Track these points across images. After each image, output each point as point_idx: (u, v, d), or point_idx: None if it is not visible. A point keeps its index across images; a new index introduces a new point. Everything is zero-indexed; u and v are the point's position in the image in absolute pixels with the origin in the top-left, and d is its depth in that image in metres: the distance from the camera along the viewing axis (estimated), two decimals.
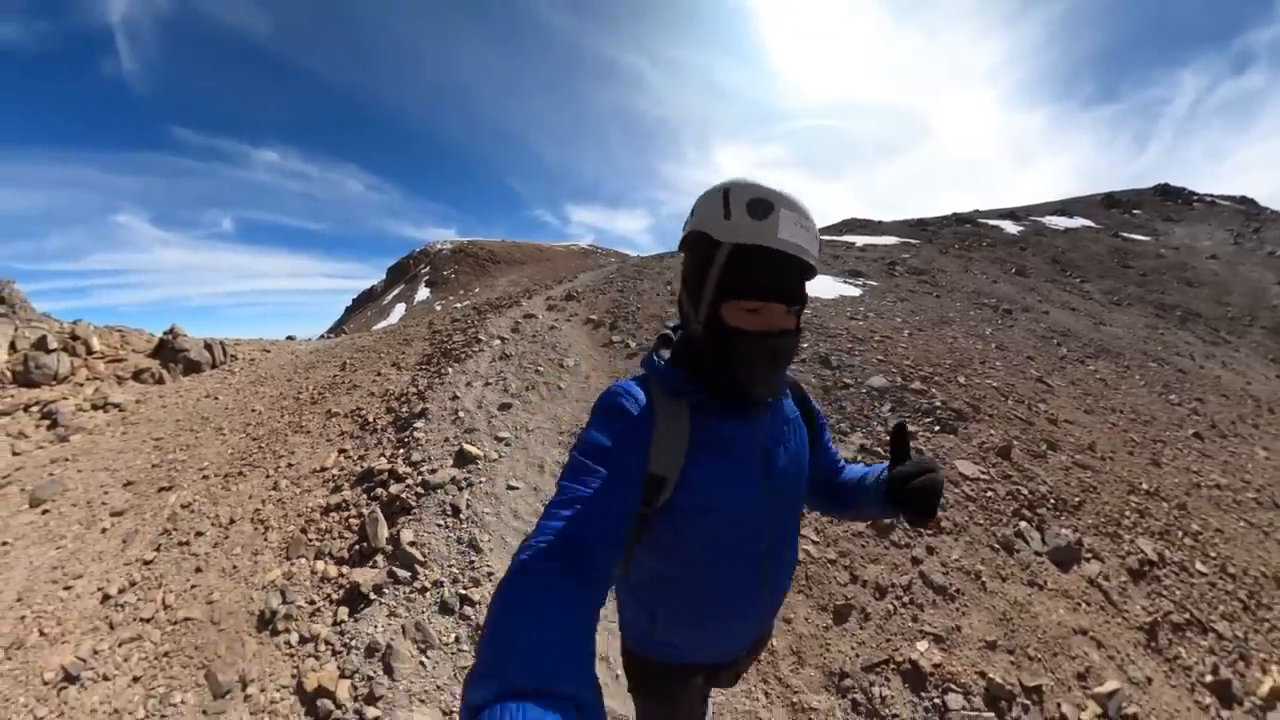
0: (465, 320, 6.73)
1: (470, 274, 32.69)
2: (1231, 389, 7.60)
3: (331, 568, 2.53)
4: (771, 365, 0.84)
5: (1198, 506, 3.65)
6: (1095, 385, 5.77)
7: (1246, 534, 3.49)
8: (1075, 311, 10.53)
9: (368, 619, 2.16)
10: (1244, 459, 4.80)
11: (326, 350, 7.57)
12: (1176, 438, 4.80)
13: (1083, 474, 3.74)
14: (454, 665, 1.95)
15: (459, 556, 2.42)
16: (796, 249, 0.79)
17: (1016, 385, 5.03)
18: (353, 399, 4.74)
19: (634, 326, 5.46)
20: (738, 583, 0.93)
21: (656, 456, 0.82)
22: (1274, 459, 5.08)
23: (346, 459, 3.60)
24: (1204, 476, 4.15)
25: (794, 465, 0.96)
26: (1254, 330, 13.08)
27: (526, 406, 3.91)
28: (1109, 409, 5.10)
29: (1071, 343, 7.69)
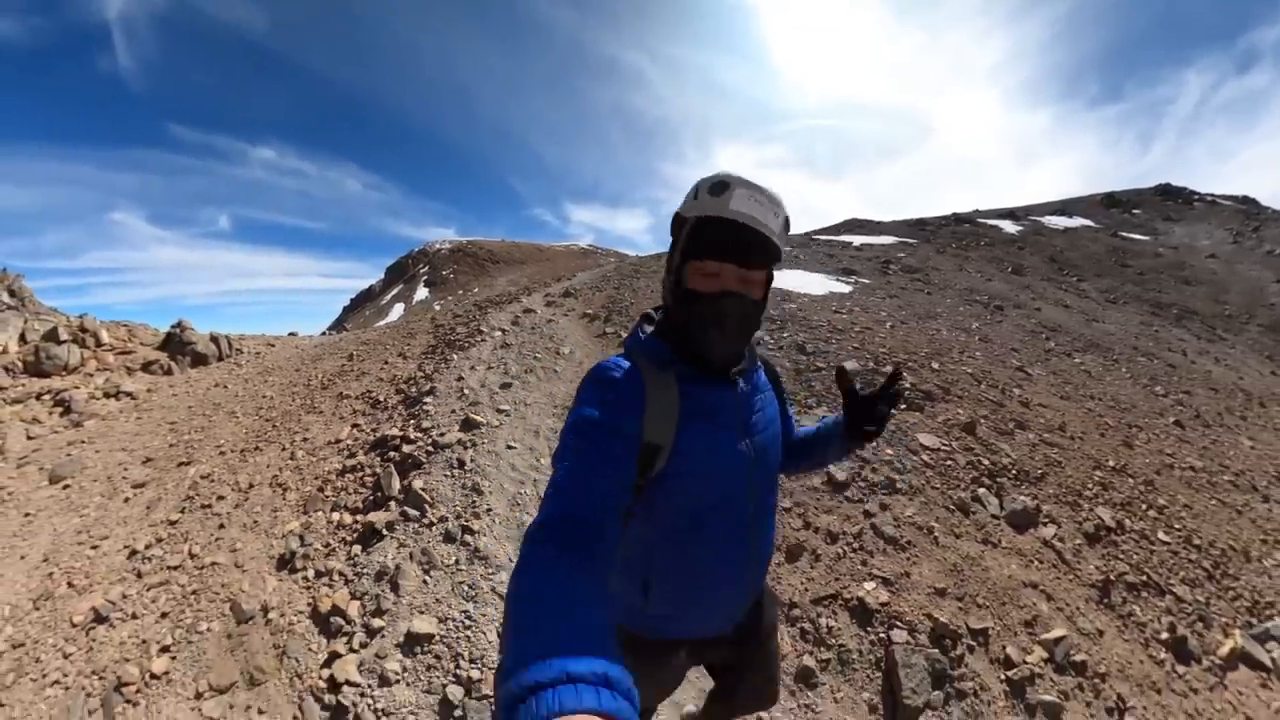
0: (467, 315, 7.08)
1: (469, 274, 33.12)
2: (1222, 383, 7.87)
3: (347, 516, 2.86)
4: (719, 326, 0.90)
5: (1167, 484, 3.88)
6: (1078, 375, 6.05)
7: (1218, 511, 3.78)
8: (1068, 309, 10.85)
9: (379, 551, 2.49)
10: (1226, 446, 5.07)
11: (331, 344, 7.93)
12: (1155, 424, 5.07)
13: (1049, 450, 3.97)
14: (452, 582, 2.28)
15: (463, 498, 2.76)
16: (748, 218, 0.87)
17: (993, 372, 5.32)
18: (362, 384, 5.08)
19: (627, 320, 5.81)
20: (726, 552, 0.97)
21: (650, 425, 0.85)
22: (1259, 448, 5.34)
23: (360, 431, 3.94)
24: (1178, 459, 4.40)
25: (770, 434, 1.03)
26: (1251, 328, 13.41)
27: (525, 386, 4.25)
28: (1087, 396, 5.37)
29: (1060, 337, 7.97)
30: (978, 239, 15.81)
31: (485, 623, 2.11)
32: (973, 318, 8.06)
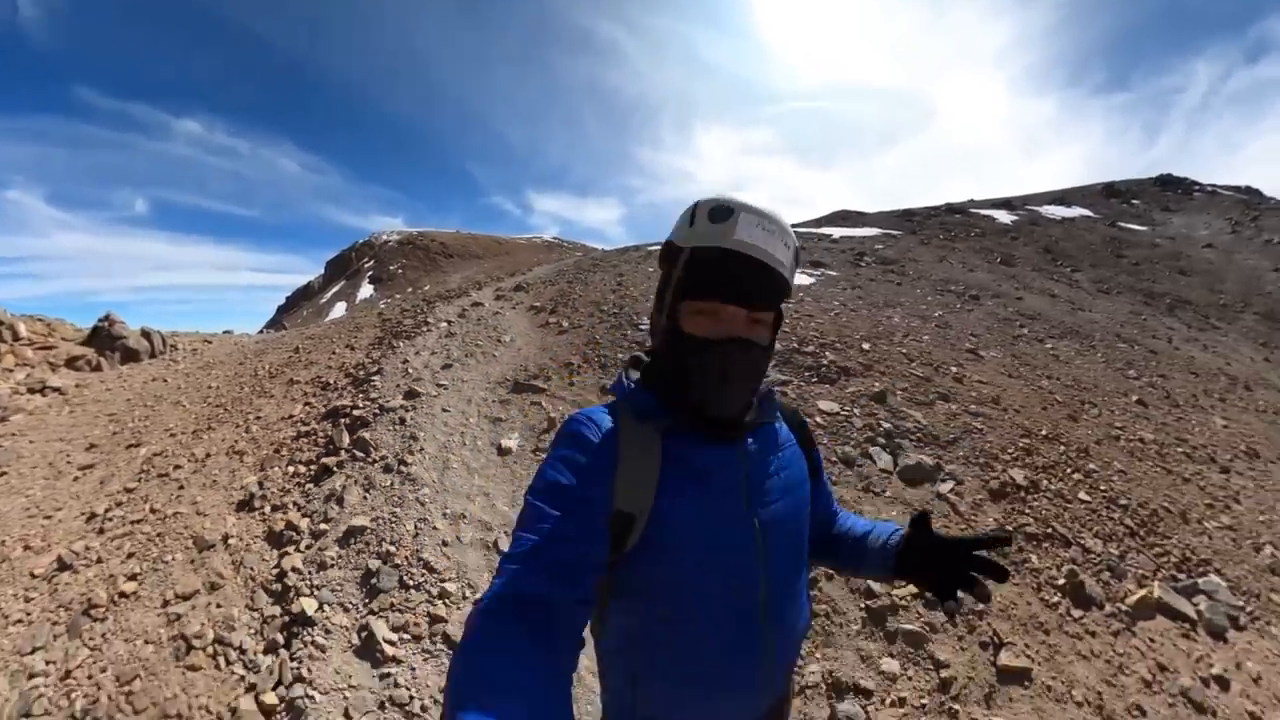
0: (415, 309, 7.96)
1: (419, 269, 33.67)
2: (1205, 368, 8.87)
3: (301, 468, 3.69)
4: (723, 378, 0.87)
5: (1105, 452, 4.56)
6: (1042, 359, 6.90)
7: (1159, 478, 4.42)
8: (1054, 298, 11.95)
9: (328, 482, 3.35)
10: (1192, 424, 5.91)
11: (274, 340, 8.73)
12: (1114, 402, 5.87)
13: (971, 420, 4.66)
14: (386, 496, 3.16)
15: (401, 444, 3.63)
16: (755, 250, 0.84)
17: (934, 353, 6.25)
18: (311, 372, 5.91)
19: (571, 310, 6.72)
20: (730, 644, 0.90)
21: (622, 490, 0.82)
22: (1232, 427, 6.20)
23: (311, 408, 4.78)
24: (1128, 432, 5.11)
25: (789, 499, 0.97)
26: (1245, 316, 14.75)
27: (464, 367, 5.13)
28: (1044, 376, 6.18)
29: (1036, 325, 8.88)
30: (968, 229, 17.08)
31: (407, 519, 3.02)
32: (939, 306, 9.06)
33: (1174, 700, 2.80)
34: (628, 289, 7.68)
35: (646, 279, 8.53)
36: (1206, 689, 2.88)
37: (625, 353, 5.07)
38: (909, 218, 17.38)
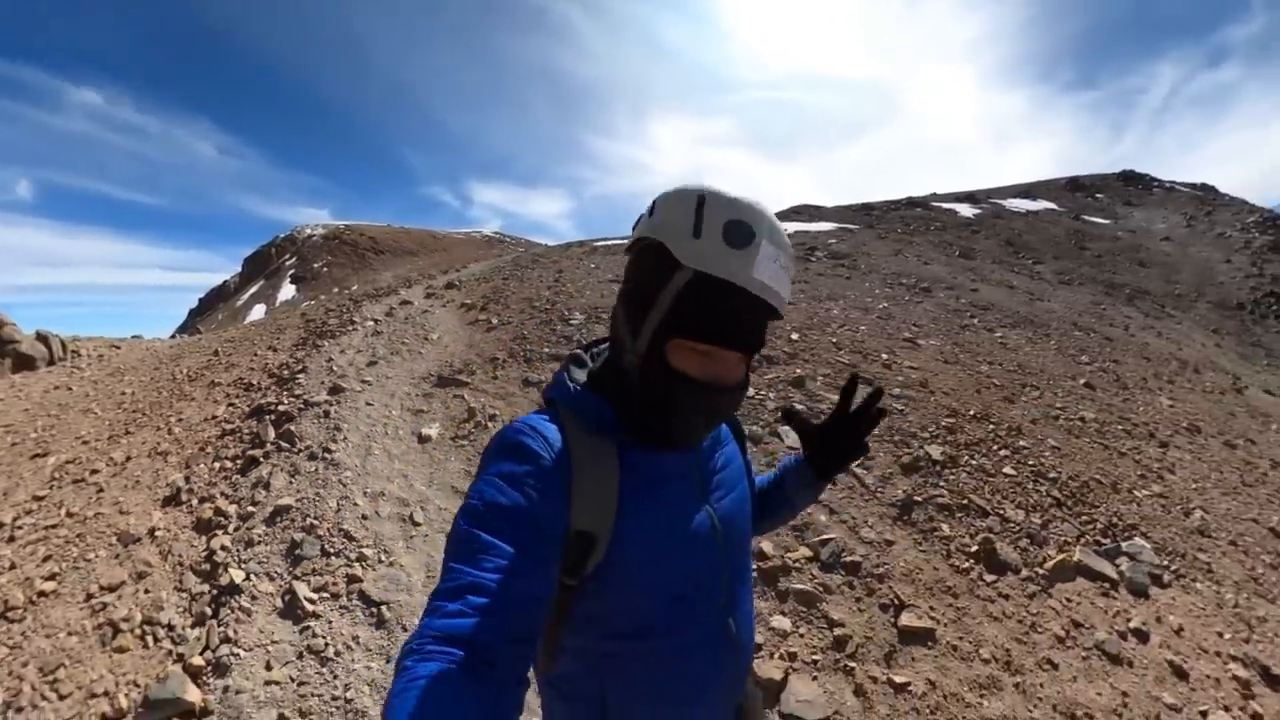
0: (340, 308, 8.36)
1: (346, 266, 33.48)
2: (1158, 353, 9.95)
3: (228, 462, 4.11)
4: (709, 422, 0.90)
5: (1038, 430, 5.13)
6: (987, 347, 7.62)
7: (1094, 453, 4.98)
8: (1012, 289, 12.96)
9: (255, 471, 3.80)
10: (1138, 404, 6.70)
11: (190, 344, 8.98)
12: (1059, 385, 6.60)
13: (893, 402, 5.27)
14: (310, 480, 3.63)
15: (326, 434, 4.10)
16: (771, 293, 0.82)
17: (868, 342, 6.96)
18: (233, 374, 6.27)
19: (501, 308, 7.24)
20: (702, 646, 0.95)
21: (580, 509, 0.82)
22: (1177, 406, 7.07)
23: (235, 408, 5.16)
24: (1068, 411, 5.74)
25: (737, 496, 1.03)
26: (1199, 305, 16.22)
27: (389, 363, 5.59)
28: (985, 362, 6.86)
29: (988, 315, 9.62)
30: (928, 223, 18.19)
31: (329, 498, 3.51)
32: (886, 299, 9.85)
33: (1088, 654, 3.19)
34: (564, 285, 8.21)
35: (586, 275, 9.08)
36: (1124, 641, 3.24)
37: (552, 347, 5.60)
38: (867, 212, 18.41)
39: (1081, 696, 2.99)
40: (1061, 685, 2.98)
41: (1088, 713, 2.90)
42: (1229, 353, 13.05)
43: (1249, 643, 3.48)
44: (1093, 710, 2.90)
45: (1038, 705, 2.85)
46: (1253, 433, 7.20)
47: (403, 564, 2.98)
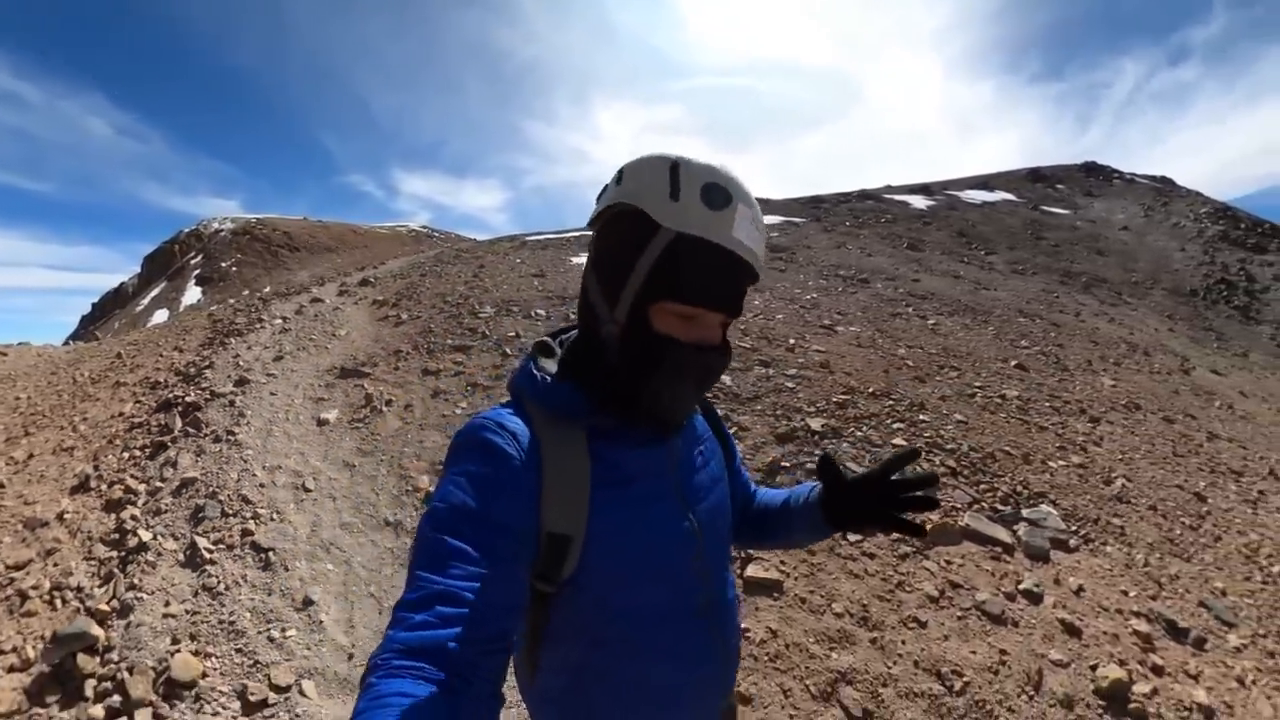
0: (249, 308, 9.03)
1: (257, 266, 33.34)
2: (1107, 338, 11.11)
3: (137, 451, 4.79)
4: (698, 387, 0.96)
5: (945, 407, 5.78)
6: (914, 333, 8.51)
7: (1008, 428, 5.63)
8: (958, 279, 14.13)
9: (163, 454, 4.51)
10: (1076, 384, 7.54)
11: (88, 349, 9.51)
12: (987, 367, 7.42)
13: (785, 381, 5.95)
14: (214, 457, 4.36)
15: (231, 420, 4.84)
16: (750, 253, 0.90)
17: (780, 329, 7.86)
18: (138, 375, 6.89)
19: (413, 303, 8.02)
20: (686, 650, 1.02)
21: (552, 510, 0.86)
22: (1119, 385, 7.96)
23: (142, 404, 5.82)
24: (986, 390, 6.47)
25: (716, 493, 1.11)
26: (1155, 292, 17.82)
27: (295, 358, 6.32)
28: (906, 347, 7.72)
29: (925, 304, 10.64)
30: (879, 215, 19.47)
31: (231, 471, 4.25)
32: (817, 290, 10.86)
33: (965, 614, 3.45)
34: (482, 280, 9.00)
35: (509, 270, 9.87)
36: (1010, 602, 3.53)
37: (456, 339, 6.38)
38: (816, 205, 19.65)
39: (952, 654, 3.20)
40: (928, 643, 3.21)
41: (956, 669, 3.12)
42: (1181, 337, 14.50)
43: (1156, 600, 3.91)
44: (963, 667, 3.12)
45: (897, 661, 3.09)
46: (1194, 409, 8.22)
47: (291, 521, 3.75)
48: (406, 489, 4.05)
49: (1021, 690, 3.20)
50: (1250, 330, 17.21)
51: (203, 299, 29.12)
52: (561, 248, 12.66)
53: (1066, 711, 3.21)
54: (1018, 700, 3.17)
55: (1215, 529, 5.11)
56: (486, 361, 5.87)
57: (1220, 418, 8.31)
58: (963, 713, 3.09)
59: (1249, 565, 4.74)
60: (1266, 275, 20.31)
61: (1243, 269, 20.21)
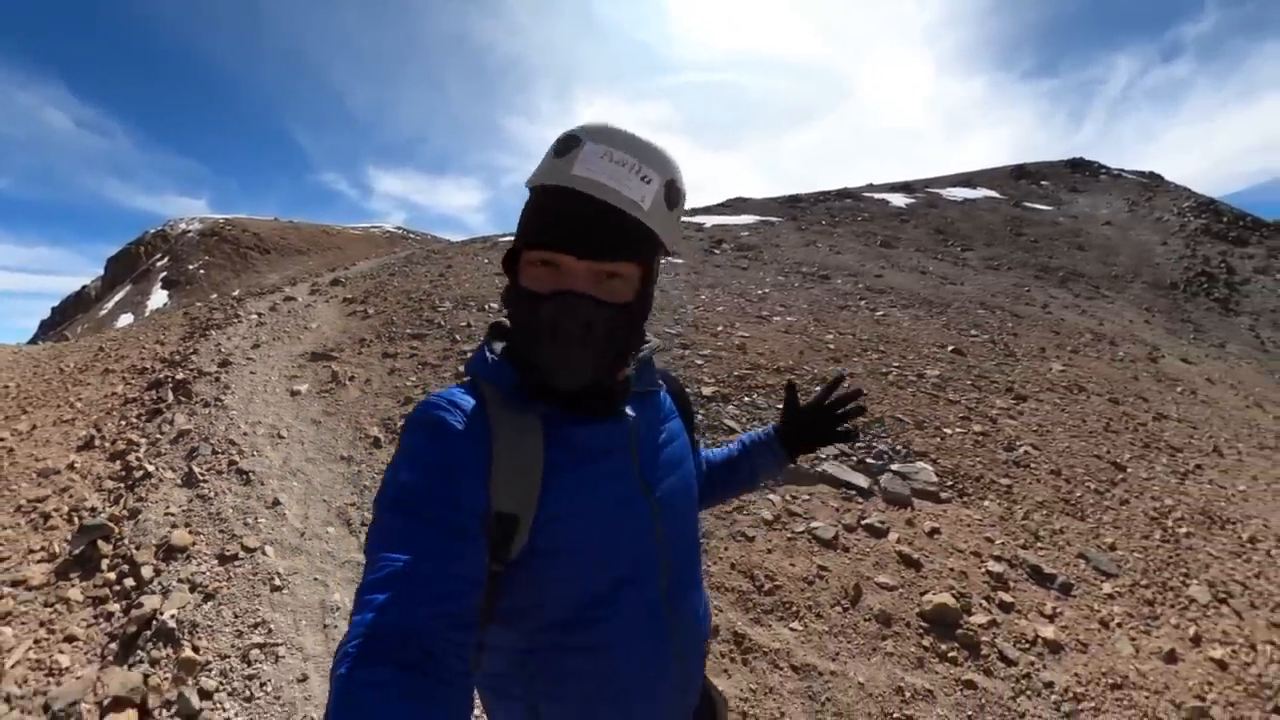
0: (224, 306, 10.34)
1: (226, 268, 34.23)
2: (1072, 328, 12.12)
3: (134, 420, 6.02)
4: (551, 339, 0.96)
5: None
6: (853, 323, 9.59)
7: (909, 400, 6.53)
8: (925, 274, 15.31)
9: (160, 416, 5.74)
10: (1016, 369, 8.37)
11: (65, 346, 10.81)
12: (916, 352, 8.36)
13: (695, 358, 7.07)
14: (206, 418, 5.60)
15: (217, 391, 6.11)
16: (593, 186, 0.93)
17: (712, 319, 9.01)
18: (125, 363, 8.15)
19: (380, 300, 9.31)
20: (640, 640, 1.06)
21: (501, 487, 0.92)
22: (1069, 371, 8.81)
23: (133, 385, 7.05)
24: (903, 369, 7.43)
25: (680, 474, 1.17)
26: (1134, 286, 19.15)
27: (270, 346, 7.59)
28: (836, 333, 8.79)
29: (880, 298, 11.74)
30: (856, 214, 20.83)
31: (220, 424, 5.50)
32: (772, 286, 12.05)
33: (795, 536, 3.96)
34: (447, 279, 10.27)
35: (475, 269, 11.14)
36: (848, 533, 3.99)
37: (414, 329, 7.64)
38: (794, 204, 20.99)
39: (771, 564, 3.62)
40: (750, 553, 3.68)
41: (770, 575, 3.52)
42: (1157, 328, 15.68)
43: (1028, 549, 4.46)
44: (778, 574, 3.54)
45: (716, 563, 3.64)
46: (1150, 393, 9.02)
47: (268, 456, 5.00)
48: (360, 436, 5.29)
49: (837, 602, 3.61)
50: (1229, 322, 18.51)
51: (169, 303, 29.90)
52: None
53: (882, 626, 3.67)
54: (830, 610, 3.55)
55: (1126, 494, 5.72)
56: (438, 346, 7.11)
57: (1178, 401, 9.10)
58: (768, 609, 3.50)
59: (1152, 526, 5.33)
60: (1247, 268, 21.70)
61: (1223, 262, 21.58)
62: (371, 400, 5.95)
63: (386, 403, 5.87)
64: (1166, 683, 3.85)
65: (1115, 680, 3.78)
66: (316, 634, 3.37)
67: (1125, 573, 4.64)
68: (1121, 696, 3.71)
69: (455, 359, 6.64)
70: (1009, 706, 3.41)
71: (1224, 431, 8.26)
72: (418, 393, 5.90)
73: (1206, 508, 5.81)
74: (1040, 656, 3.80)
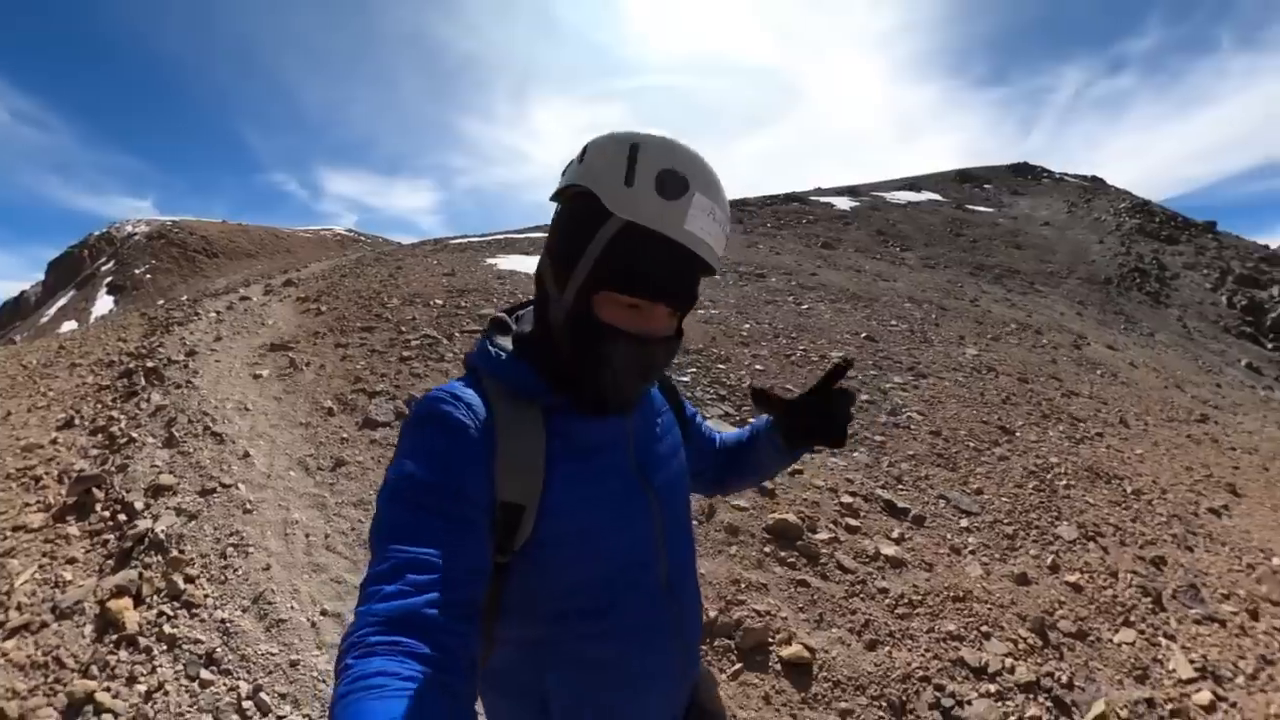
0: (181, 306, 11.29)
1: (174, 272, 34.25)
2: (998, 319, 13.28)
3: (109, 403, 7.01)
4: (642, 377, 1.11)
5: (752, 362, 8.05)
6: (774, 314, 10.65)
7: (798, 374, 7.71)
8: (860, 273, 16.59)
9: (136, 397, 6.77)
10: (927, 353, 9.38)
11: (23, 346, 11.64)
12: (826, 338, 9.51)
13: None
14: (180, 397, 6.63)
15: (186, 375, 7.19)
16: (703, 247, 1.02)
17: None
18: (90, 359, 9.07)
19: (332, 298, 10.36)
20: (645, 628, 1.17)
21: (505, 478, 1.00)
22: (983, 355, 9.82)
23: (102, 376, 8.01)
24: (807, 352, 8.58)
25: (675, 466, 1.28)
26: (1069, 281, 20.82)
27: (232, 340, 8.62)
28: (753, 323, 9.85)
29: (810, 294, 12.83)
30: (801, 217, 22.26)
31: (192, 400, 6.58)
32: (707, 284, 13.21)
33: None
34: (397, 279, 11.33)
35: (425, 270, 12.20)
36: None
37: (364, 322, 8.69)
38: (740, 207, 22.36)
39: None
40: None
41: None
42: (1088, 320, 17.17)
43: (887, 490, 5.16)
44: None
45: None
46: (1066, 374, 9.91)
47: (237, 422, 6.08)
48: (316, 408, 6.36)
49: (693, 518, 3.78)
50: (1160, 313, 20.28)
51: (116, 309, 29.80)
52: (480, 250, 15.02)
53: (730, 535, 4.37)
54: None
55: (1008, 453, 6.38)
56: (385, 337, 8.18)
57: (1094, 382, 10.05)
58: None
59: (1029, 478, 5.93)
60: (1177, 264, 23.64)
61: (1155, 258, 23.48)
62: (325, 381, 7.00)
63: (339, 383, 6.91)
64: (1014, 599, 4.29)
65: (958, 594, 4.23)
66: (280, 540, 4.47)
67: (988, 512, 5.18)
68: (962, 607, 4.14)
69: (400, 346, 7.70)
70: (840, 604, 4.01)
71: (1136, 407, 9.18)
72: (368, 374, 6.97)
73: (1095, 466, 6.50)
74: (880, 570, 4.35)
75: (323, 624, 3.80)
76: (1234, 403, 11.83)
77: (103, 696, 3.39)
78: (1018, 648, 3.91)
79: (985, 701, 3.52)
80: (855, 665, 3.62)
